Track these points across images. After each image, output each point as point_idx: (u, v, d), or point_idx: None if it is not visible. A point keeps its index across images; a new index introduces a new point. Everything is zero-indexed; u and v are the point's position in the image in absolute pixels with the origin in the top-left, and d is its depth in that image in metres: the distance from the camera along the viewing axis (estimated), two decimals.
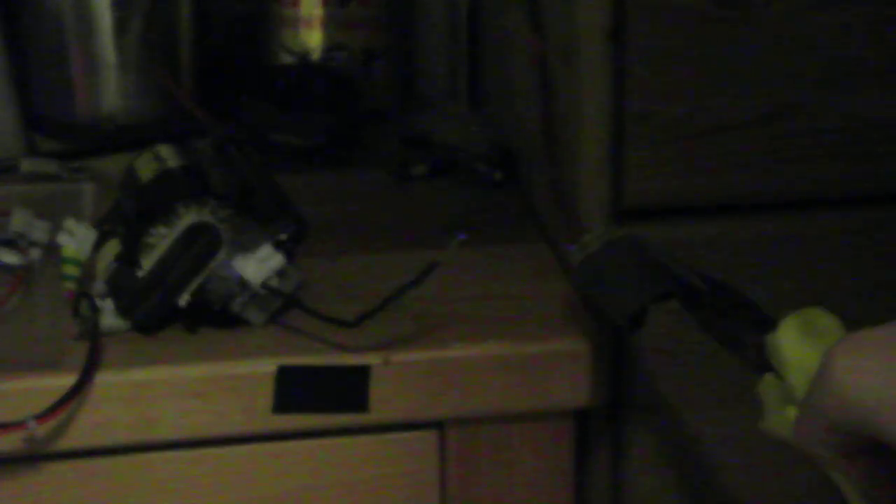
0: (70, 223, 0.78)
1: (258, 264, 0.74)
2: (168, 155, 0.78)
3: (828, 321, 0.58)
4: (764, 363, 0.59)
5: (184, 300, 0.74)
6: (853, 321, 0.62)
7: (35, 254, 0.84)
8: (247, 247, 0.75)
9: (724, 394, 0.84)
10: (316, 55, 1.13)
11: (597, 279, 0.70)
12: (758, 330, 0.60)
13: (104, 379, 0.71)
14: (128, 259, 0.74)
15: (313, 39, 1.13)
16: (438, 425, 0.76)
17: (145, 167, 0.78)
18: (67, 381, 0.69)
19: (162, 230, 0.74)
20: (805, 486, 0.86)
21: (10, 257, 0.83)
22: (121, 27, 1.06)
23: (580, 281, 0.72)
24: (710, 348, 0.82)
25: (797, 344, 0.57)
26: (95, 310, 0.73)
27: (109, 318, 0.74)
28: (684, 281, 0.64)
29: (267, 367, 0.72)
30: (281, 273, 0.74)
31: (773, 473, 0.86)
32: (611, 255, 0.69)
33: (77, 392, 0.69)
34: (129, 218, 0.77)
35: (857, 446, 0.51)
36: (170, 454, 0.74)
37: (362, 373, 0.72)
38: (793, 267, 0.83)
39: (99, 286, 0.75)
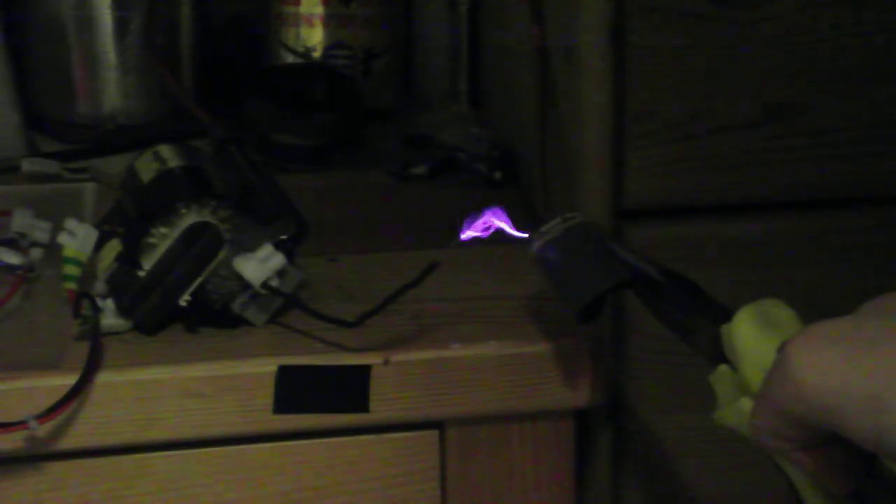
0: (71, 223, 0.78)
1: (258, 264, 0.74)
2: (168, 155, 0.78)
3: (783, 313, 0.57)
4: (718, 354, 0.59)
5: (184, 300, 0.74)
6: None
7: (36, 254, 0.84)
8: (247, 247, 0.75)
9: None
10: (317, 54, 1.13)
11: (554, 268, 0.69)
12: (713, 320, 0.60)
13: (105, 379, 0.71)
14: (128, 259, 0.74)
15: (314, 38, 1.13)
16: (438, 425, 0.76)
17: (146, 167, 0.78)
18: (68, 380, 0.69)
19: (162, 230, 0.74)
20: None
21: (11, 257, 0.83)
22: (121, 27, 1.06)
23: (538, 269, 0.71)
24: None
25: (752, 335, 0.57)
26: (96, 310, 0.73)
27: (110, 317, 0.74)
28: (639, 270, 0.64)
29: (267, 367, 0.72)
30: (281, 273, 0.74)
31: (773, 473, 0.86)
32: (568, 245, 0.69)
33: (78, 392, 0.69)
34: (129, 218, 0.77)
35: (814, 439, 0.51)
36: (170, 454, 0.74)
37: (362, 373, 0.72)
38: (793, 267, 0.83)
39: (100, 286, 0.75)
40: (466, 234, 0.74)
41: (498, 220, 0.73)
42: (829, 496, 0.54)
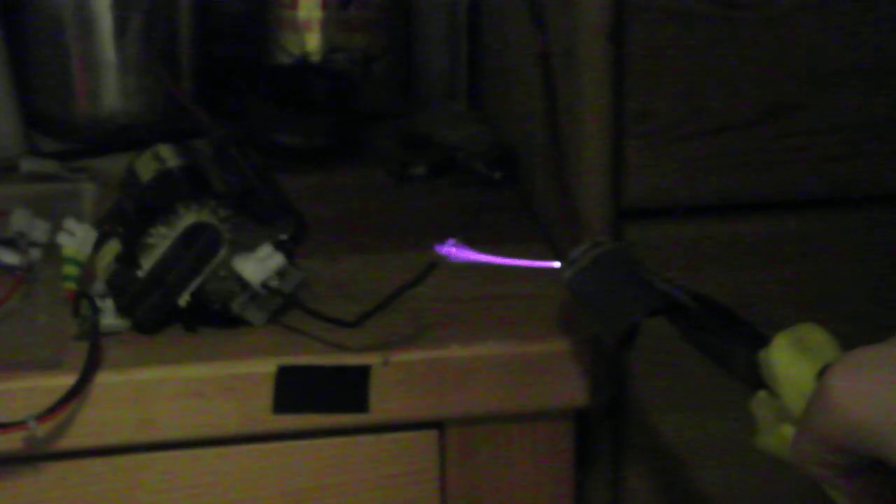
0: (70, 223, 0.78)
1: (258, 264, 0.74)
2: (168, 155, 0.78)
3: (820, 336, 0.57)
4: (757, 380, 0.59)
5: (184, 300, 0.74)
6: (854, 321, 0.62)
7: (35, 254, 0.84)
8: (247, 247, 0.75)
9: (723, 394, 0.84)
10: (315, 57, 1.13)
11: (589, 295, 0.69)
12: (750, 347, 0.59)
13: (104, 379, 0.71)
14: (128, 259, 0.74)
15: (312, 42, 1.13)
16: (438, 425, 0.76)
17: (145, 167, 0.78)
18: (67, 381, 0.69)
19: (162, 230, 0.74)
20: (805, 487, 0.86)
21: (10, 257, 0.83)
22: (121, 27, 1.06)
23: (573, 299, 0.71)
24: None
25: (790, 361, 0.57)
26: (95, 310, 0.73)
27: (109, 318, 0.74)
28: (673, 297, 0.64)
29: (267, 367, 0.72)
30: (281, 273, 0.74)
31: (773, 474, 0.86)
32: (599, 273, 0.69)
33: (77, 392, 0.69)
34: (129, 218, 0.77)
35: (857, 465, 0.51)
36: (170, 454, 0.74)
37: (362, 373, 0.72)
38: (793, 266, 0.83)
39: (99, 286, 0.75)
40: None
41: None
42: None
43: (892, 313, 0.83)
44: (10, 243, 0.85)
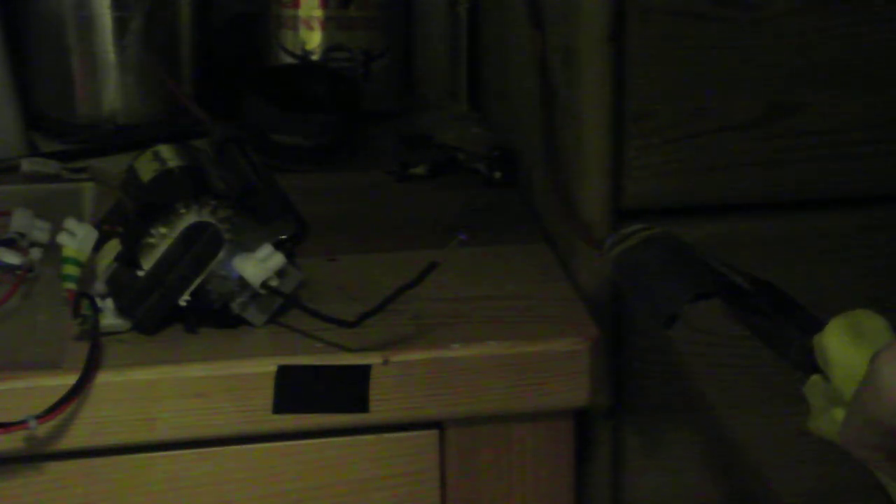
0: (70, 223, 0.78)
1: (258, 264, 0.74)
2: (168, 155, 0.78)
3: (875, 323, 0.57)
4: (810, 364, 0.59)
5: (184, 300, 0.74)
6: None
7: (35, 254, 0.84)
8: (247, 247, 0.75)
9: (723, 394, 0.84)
10: (316, 56, 1.13)
11: (636, 275, 0.68)
12: (804, 331, 0.59)
13: (104, 379, 0.71)
14: (128, 259, 0.74)
15: (313, 40, 1.13)
16: (438, 425, 0.76)
17: (145, 167, 0.78)
18: (68, 380, 0.69)
19: (162, 230, 0.74)
20: (802, 489, 0.87)
21: (11, 257, 0.83)
22: (121, 27, 1.06)
23: (618, 275, 0.70)
24: (710, 349, 0.83)
25: (844, 346, 0.57)
26: (96, 310, 0.73)
27: (110, 317, 0.74)
28: (728, 280, 0.64)
29: (267, 367, 0.72)
30: (281, 273, 0.74)
31: (773, 474, 0.86)
32: (651, 252, 0.68)
33: (77, 392, 0.69)
34: (129, 218, 0.77)
35: None
36: (170, 454, 0.74)
37: (362, 373, 0.72)
38: (793, 266, 0.83)
39: (99, 286, 0.75)
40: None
41: None
42: None
43: (893, 313, 0.83)
44: (11, 243, 0.85)
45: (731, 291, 0.64)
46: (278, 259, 0.74)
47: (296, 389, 0.72)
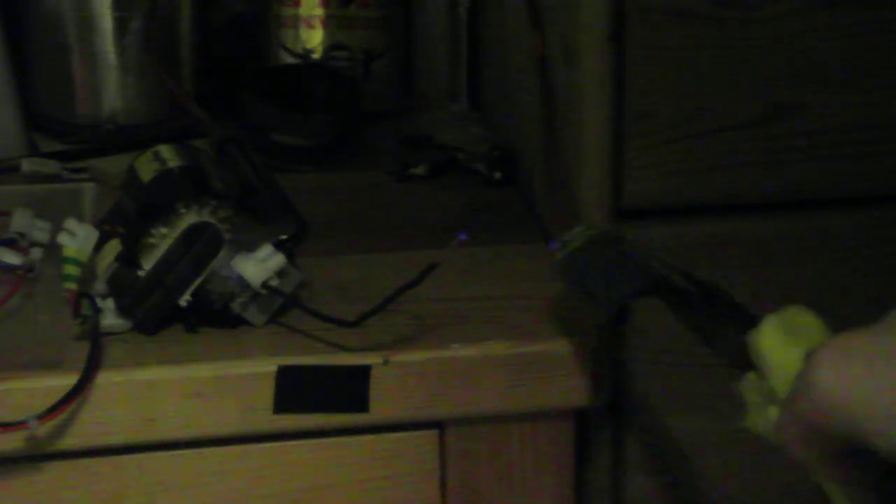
0: (71, 223, 0.78)
1: (258, 264, 0.74)
2: (168, 155, 0.78)
3: (808, 319, 0.57)
4: (746, 362, 0.59)
5: (184, 300, 0.74)
6: (854, 322, 0.61)
7: (36, 254, 0.84)
8: (247, 247, 0.75)
9: (723, 395, 0.84)
10: (316, 55, 1.13)
11: (581, 275, 0.70)
12: (740, 328, 0.59)
13: (105, 379, 0.71)
14: (128, 259, 0.74)
15: (314, 39, 1.13)
16: (438, 425, 0.76)
17: (145, 167, 0.78)
18: (68, 380, 0.69)
19: (162, 230, 0.74)
20: (804, 488, 0.86)
21: (11, 257, 0.83)
22: (121, 27, 1.06)
23: (564, 276, 0.72)
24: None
25: (778, 344, 0.57)
26: (96, 310, 0.73)
27: (110, 318, 0.74)
28: (664, 277, 0.64)
29: (267, 367, 0.72)
30: (281, 273, 0.75)
31: (773, 474, 0.86)
32: (594, 252, 0.69)
33: (78, 392, 0.69)
34: (129, 218, 0.77)
35: (840, 450, 0.51)
36: (170, 454, 0.74)
37: (362, 373, 0.72)
38: (793, 266, 0.83)
39: (100, 286, 0.75)
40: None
41: None
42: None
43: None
44: (11, 243, 0.85)
45: (670, 289, 0.64)
46: (278, 259, 0.74)
47: (296, 389, 0.72)
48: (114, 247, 0.76)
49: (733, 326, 0.60)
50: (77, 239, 0.78)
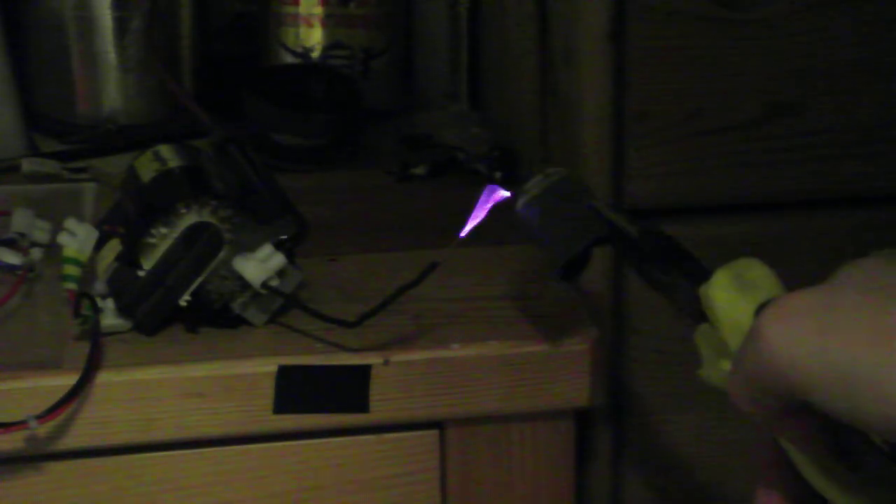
0: (71, 223, 0.78)
1: (258, 264, 0.74)
2: (168, 155, 0.78)
3: (760, 272, 0.57)
4: (699, 313, 0.59)
5: (184, 300, 0.74)
6: None
7: (36, 254, 0.84)
8: (247, 247, 0.75)
9: (723, 395, 0.84)
10: (315, 54, 1.13)
11: (536, 225, 0.68)
12: (692, 281, 0.59)
13: (105, 379, 0.71)
14: (128, 259, 0.74)
15: (313, 38, 1.13)
16: (438, 425, 0.76)
17: (146, 167, 0.78)
18: (68, 380, 0.69)
19: (162, 230, 0.74)
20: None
21: (11, 257, 0.83)
22: (121, 27, 1.06)
23: (520, 226, 0.70)
24: None
25: (729, 297, 0.56)
26: (96, 310, 0.73)
27: (110, 318, 0.74)
28: (618, 228, 0.64)
29: (267, 367, 0.72)
30: (281, 273, 0.75)
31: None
32: (548, 203, 0.68)
33: (78, 392, 0.69)
34: (129, 218, 0.77)
35: (787, 407, 0.51)
36: (170, 454, 0.74)
37: (362, 373, 0.72)
38: (793, 266, 0.83)
39: (100, 286, 0.75)
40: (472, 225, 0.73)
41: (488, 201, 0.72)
42: (816, 460, 0.54)
43: None
44: (11, 243, 0.85)
45: (622, 239, 0.63)
46: (279, 259, 0.74)
47: (296, 389, 0.72)
48: (114, 247, 0.76)
49: (686, 278, 0.60)
50: (77, 239, 0.78)
